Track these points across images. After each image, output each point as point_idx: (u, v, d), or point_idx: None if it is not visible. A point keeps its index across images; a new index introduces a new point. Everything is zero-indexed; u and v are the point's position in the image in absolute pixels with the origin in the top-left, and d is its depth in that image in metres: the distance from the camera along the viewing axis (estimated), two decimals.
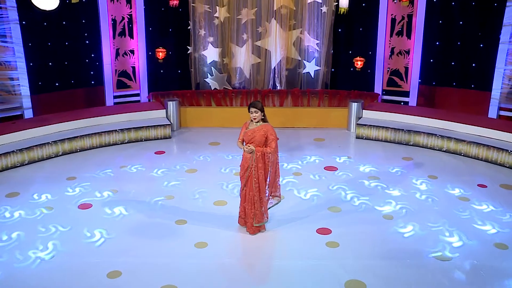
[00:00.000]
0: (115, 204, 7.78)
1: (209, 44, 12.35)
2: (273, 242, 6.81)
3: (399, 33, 12.01)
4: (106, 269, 6.13)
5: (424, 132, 10.54)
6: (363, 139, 11.03)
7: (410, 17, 11.80)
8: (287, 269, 6.20)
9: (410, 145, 10.65)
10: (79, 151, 10.18)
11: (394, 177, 8.87)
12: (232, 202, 7.75)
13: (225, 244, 6.73)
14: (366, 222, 7.23)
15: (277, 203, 7.27)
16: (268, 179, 6.94)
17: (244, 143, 6.95)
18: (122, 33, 11.84)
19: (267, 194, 7.08)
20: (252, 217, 7.07)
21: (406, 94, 12.15)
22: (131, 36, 11.95)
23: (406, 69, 12.06)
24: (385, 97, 12.35)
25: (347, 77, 12.64)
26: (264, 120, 6.92)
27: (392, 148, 10.48)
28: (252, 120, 6.93)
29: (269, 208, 7.23)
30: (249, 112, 6.91)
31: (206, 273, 6.08)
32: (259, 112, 6.81)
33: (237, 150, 9.30)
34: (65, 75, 11.79)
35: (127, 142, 10.72)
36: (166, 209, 7.63)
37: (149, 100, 12.08)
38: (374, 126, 10.97)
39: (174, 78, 12.59)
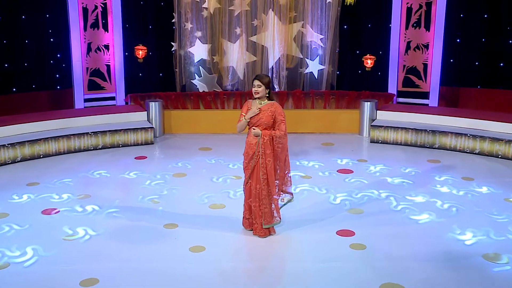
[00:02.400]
0: (89, 207, 7.73)
1: (197, 39, 12.17)
2: (285, 244, 6.70)
3: (416, 25, 11.85)
4: (79, 276, 5.88)
5: (451, 133, 10.37)
6: (378, 143, 10.92)
7: (429, 5, 11.64)
8: (305, 272, 6.03)
9: (435, 148, 10.53)
10: (43, 157, 9.87)
11: (420, 178, 8.91)
12: (232, 205, 7.70)
13: (227, 248, 6.59)
14: (395, 223, 7.24)
15: (289, 201, 7.00)
16: (277, 169, 6.72)
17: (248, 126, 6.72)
18: (95, 25, 11.48)
19: (276, 189, 6.77)
20: (261, 216, 6.73)
21: (425, 95, 11.90)
22: (106, 28, 11.60)
23: (425, 66, 11.85)
24: (401, 99, 12.09)
25: (355, 79, 12.47)
26: (269, 98, 6.65)
27: (415, 152, 10.39)
28: (255, 98, 6.66)
29: (281, 207, 6.94)
30: (252, 85, 6.63)
31: (204, 278, 5.89)
32: (263, 87, 6.55)
33: (234, 154, 9.74)
34: (25, 78, 11.44)
35: (101, 148, 10.49)
36: (151, 212, 7.54)
37: (126, 103, 11.81)
38: (391, 127, 10.82)
39: (155, 80, 12.35)
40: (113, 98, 11.91)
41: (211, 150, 10.47)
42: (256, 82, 6.58)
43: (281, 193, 6.83)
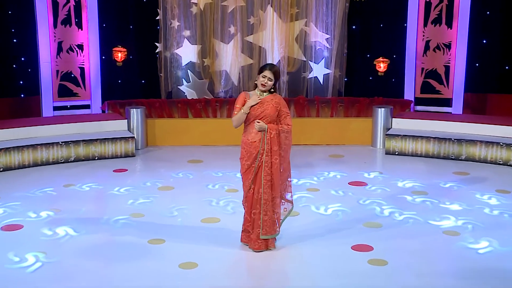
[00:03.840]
0: (58, 225, 7.60)
1: (185, 39, 12.05)
2: (289, 259, 6.66)
3: (436, 21, 11.75)
4: None
5: (481, 141, 10.34)
6: (395, 154, 10.88)
7: None
8: None
9: (461, 159, 10.49)
10: (3, 170, 9.75)
11: (447, 191, 8.95)
12: (227, 219, 7.72)
13: (222, 264, 6.57)
14: (419, 237, 7.26)
15: (290, 212, 6.94)
16: (280, 170, 6.67)
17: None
18: (67, 21, 11.36)
19: (281, 193, 6.74)
20: (259, 225, 6.61)
21: (447, 102, 11.84)
22: (79, 26, 11.53)
23: (447, 69, 11.77)
24: (419, 107, 12.04)
25: (366, 85, 12.42)
26: (271, 91, 6.63)
27: (438, 163, 10.38)
28: (257, 89, 6.61)
29: (283, 220, 6.90)
30: (260, 73, 6.53)
31: None
32: (273, 81, 6.54)
33: (229, 166, 9.74)
34: None
35: (74, 161, 10.37)
36: (133, 227, 7.53)
37: (103, 112, 11.72)
38: (410, 136, 10.79)
39: (137, 87, 12.27)
40: (87, 107, 11.79)
41: (201, 162, 10.42)
42: (268, 74, 6.47)
43: (282, 200, 6.77)
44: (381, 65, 11.91)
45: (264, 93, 6.53)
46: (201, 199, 8.47)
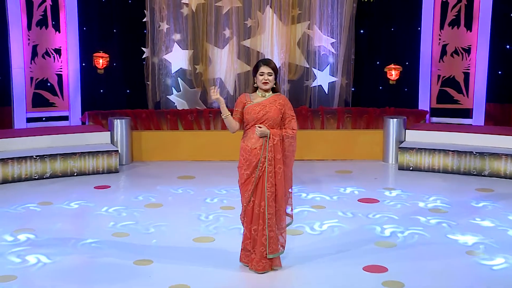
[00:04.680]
0: (33, 246, 7.53)
1: (175, 44, 12.12)
2: (297, 282, 6.59)
3: (454, 23, 11.79)
4: None
5: (506, 155, 10.35)
6: (409, 170, 10.91)
7: None
8: None
9: (484, 175, 10.52)
10: None
11: (469, 210, 8.95)
12: (223, 238, 7.73)
13: (219, 286, 6.52)
14: (439, 258, 7.22)
15: (289, 224, 6.89)
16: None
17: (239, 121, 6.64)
18: (43, 23, 11.44)
19: (287, 207, 6.73)
20: (264, 243, 6.51)
21: (467, 113, 11.90)
22: (57, 28, 11.57)
23: (466, 76, 11.81)
24: (435, 119, 12.10)
25: (376, 95, 12.47)
26: (274, 90, 6.60)
27: (458, 179, 10.42)
28: (258, 91, 6.56)
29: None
30: (256, 73, 6.50)
31: None
32: (273, 76, 6.50)
33: (224, 181, 9.89)
34: None
35: (50, 177, 10.36)
36: (117, 247, 7.47)
37: (83, 123, 11.75)
38: (426, 150, 10.82)
39: (121, 97, 12.31)
40: (65, 118, 11.86)
41: (193, 178, 10.47)
42: (265, 69, 6.44)
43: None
44: (393, 73, 11.94)
45: (267, 94, 6.49)
46: (193, 217, 8.46)
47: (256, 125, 6.40)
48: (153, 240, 7.66)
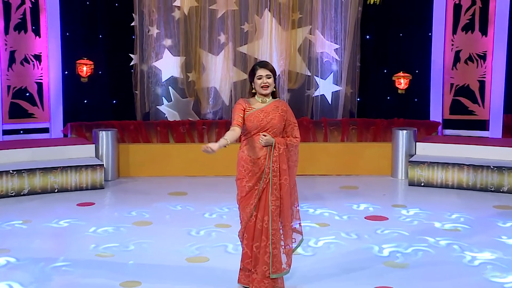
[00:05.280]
0: (8, 268, 7.48)
1: (165, 50, 12.19)
2: None
3: (468, 28, 11.81)
4: None
5: None
6: (420, 186, 10.98)
7: (485, 1, 11.63)
8: None
9: (503, 191, 10.55)
10: None
11: (487, 227, 8.95)
12: (219, 258, 7.71)
13: None
14: (452, 277, 7.23)
15: (300, 244, 6.86)
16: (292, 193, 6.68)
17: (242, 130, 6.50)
18: (21, 27, 11.45)
19: (292, 221, 6.70)
20: (267, 261, 6.41)
21: (483, 125, 11.91)
22: (37, 32, 11.59)
23: (482, 84, 11.83)
24: (448, 131, 12.13)
25: (383, 105, 12.52)
26: (273, 95, 6.57)
27: (474, 196, 10.48)
28: (257, 96, 6.49)
29: (293, 251, 6.80)
30: (253, 77, 6.44)
31: None
32: (272, 78, 6.45)
33: (219, 198, 9.98)
34: None
35: (28, 194, 10.37)
36: (102, 268, 7.45)
37: (65, 136, 11.78)
38: (438, 164, 10.87)
39: (107, 107, 12.38)
40: (46, 130, 11.90)
41: (185, 195, 10.53)
42: (264, 72, 6.38)
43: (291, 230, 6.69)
44: (402, 81, 12.02)
45: (268, 99, 6.44)
46: (185, 236, 8.47)
47: (260, 134, 6.36)
48: (142, 259, 7.60)
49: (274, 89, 6.49)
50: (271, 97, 6.47)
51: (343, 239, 8.34)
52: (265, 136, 6.31)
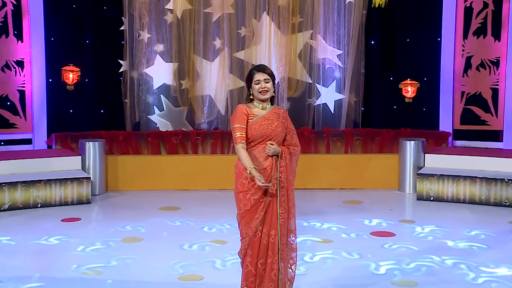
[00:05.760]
0: None
1: (157, 56, 12.27)
2: None
3: (480, 32, 11.88)
4: None
5: None
6: (430, 200, 10.99)
7: (498, 3, 11.67)
8: None
9: None
10: None
11: (503, 244, 8.91)
12: (214, 276, 7.65)
13: None
14: None
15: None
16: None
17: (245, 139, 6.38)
18: (2, 31, 11.57)
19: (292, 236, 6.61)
20: (273, 278, 6.28)
21: (496, 136, 11.99)
22: (19, 37, 11.68)
23: (495, 92, 11.86)
24: (459, 142, 12.17)
25: (389, 114, 12.56)
26: (271, 101, 6.53)
27: (487, 211, 10.48)
28: (256, 102, 6.38)
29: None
30: (251, 82, 6.34)
31: None
32: (271, 83, 6.36)
33: (214, 213, 10.00)
34: None
35: (8, 209, 10.33)
36: (89, 286, 7.43)
37: (49, 147, 11.79)
38: (449, 177, 10.88)
39: (94, 117, 12.47)
40: (28, 141, 11.99)
41: (178, 210, 10.53)
42: (261, 76, 6.29)
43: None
44: (409, 90, 12.06)
45: (267, 106, 6.38)
46: (178, 253, 8.42)
47: (267, 143, 6.28)
48: (130, 278, 7.56)
49: (274, 94, 6.41)
50: (270, 103, 6.41)
51: (347, 257, 8.28)
52: (272, 145, 6.25)
